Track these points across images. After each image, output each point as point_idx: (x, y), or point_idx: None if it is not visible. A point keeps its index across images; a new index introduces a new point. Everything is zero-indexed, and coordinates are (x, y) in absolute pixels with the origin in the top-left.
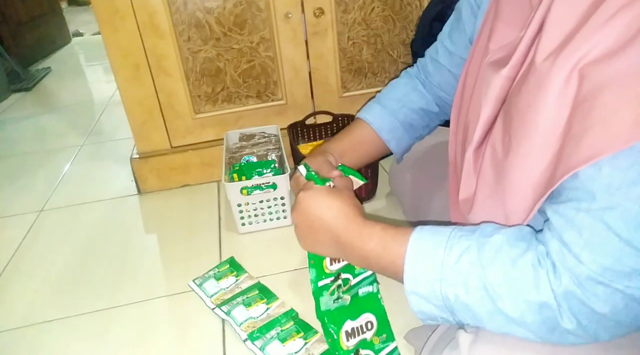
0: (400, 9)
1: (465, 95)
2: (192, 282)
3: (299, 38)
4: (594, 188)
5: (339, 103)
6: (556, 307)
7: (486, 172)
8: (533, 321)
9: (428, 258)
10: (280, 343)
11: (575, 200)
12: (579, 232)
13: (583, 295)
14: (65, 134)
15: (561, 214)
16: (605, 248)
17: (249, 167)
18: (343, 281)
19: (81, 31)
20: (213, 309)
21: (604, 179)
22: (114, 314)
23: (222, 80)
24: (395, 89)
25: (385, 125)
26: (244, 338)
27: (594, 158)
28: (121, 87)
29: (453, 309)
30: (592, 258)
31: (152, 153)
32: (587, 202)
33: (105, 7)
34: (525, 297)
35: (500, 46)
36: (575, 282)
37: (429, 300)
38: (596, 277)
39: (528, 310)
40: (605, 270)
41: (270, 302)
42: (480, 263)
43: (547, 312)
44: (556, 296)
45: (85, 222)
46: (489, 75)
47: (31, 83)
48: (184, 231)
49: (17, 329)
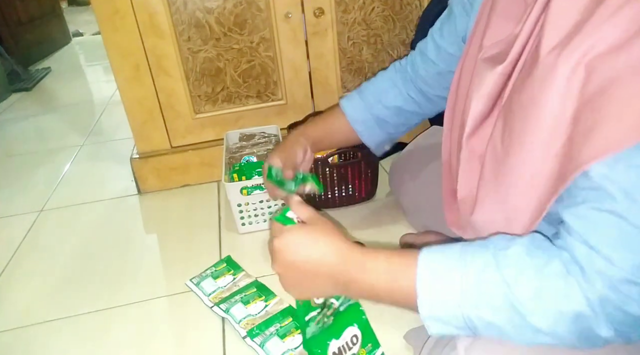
0: (400, 9)
1: (460, 93)
2: (189, 281)
3: (299, 38)
4: (611, 187)
5: None
6: (592, 315)
7: (487, 171)
8: (566, 331)
9: (443, 282)
10: (280, 339)
11: (594, 201)
12: (605, 233)
13: (618, 299)
14: (65, 134)
15: (581, 217)
16: (634, 246)
17: (249, 167)
18: (328, 307)
19: (81, 31)
20: (211, 307)
21: (621, 176)
22: (114, 314)
23: (222, 80)
24: (377, 82)
25: (359, 118)
26: (243, 335)
27: (607, 152)
28: (121, 87)
29: (476, 328)
30: (623, 258)
31: (152, 153)
32: (608, 201)
33: (105, 7)
34: (557, 308)
35: (494, 42)
36: (608, 285)
37: (448, 324)
38: (630, 278)
39: (561, 321)
40: (638, 269)
41: (269, 299)
42: (504, 280)
43: (582, 322)
44: (590, 303)
45: (85, 222)
46: (482, 71)
47: (31, 83)
48: (184, 231)
49: (17, 329)
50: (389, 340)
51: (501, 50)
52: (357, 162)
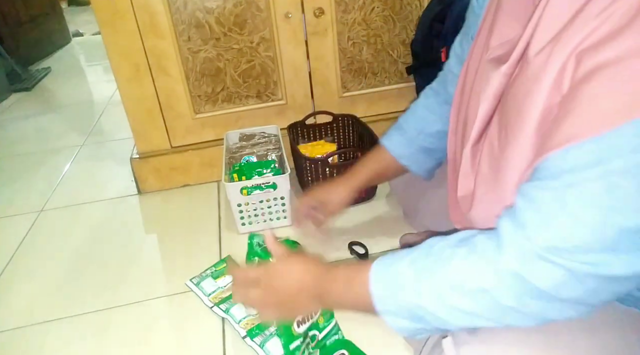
0: (400, 9)
1: (464, 92)
2: (189, 281)
3: (299, 38)
4: (560, 169)
5: (339, 103)
6: (492, 288)
7: (484, 168)
8: (480, 308)
9: (388, 274)
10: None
11: (538, 180)
12: (537, 210)
13: (525, 272)
14: (65, 134)
15: (523, 194)
16: (556, 225)
17: (249, 167)
18: (311, 338)
19: (81, 31)
20: (211, 307)
21: (569, 162)
22: (114, 313)
23: (222, 80)
24: (413, 114)
25: (404, 153)
26: (243, 335)
27: (565, 144)
28: (121, 87)
29: (420, 316)
30: (542, 235)
31: (152, 153)
32: (549, 180)
33: (105, 7)
34: (465, 287)
35: (500, 43)
36: (519, 258)
37: (398, 315)
38: (543, 254)
39: (471, 298)
40: (551, 247)
41: None
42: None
43: (486, 296)
44: (492, 277)
45: (85, 222)
46: (488, 71)
47: (31, 83)
48: (184, 231)
49: (17, 329)
50: (389, 340)
51: (506, 51)
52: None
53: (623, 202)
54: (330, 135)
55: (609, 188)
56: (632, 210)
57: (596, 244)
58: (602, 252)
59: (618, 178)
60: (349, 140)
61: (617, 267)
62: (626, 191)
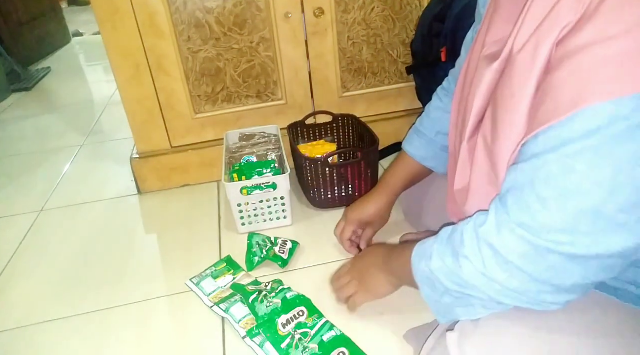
0: (400, 9)
1: (465, 87)
2: (189, 281)
3: (299, 38)
4: (530, 153)
5: (339, 103)
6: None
7: (480, 161)
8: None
9: (421, 248)
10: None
11: (517, 163)
12: (514, 189)
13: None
14: (65, 134)
15: (507, 177)
16: (527, 205)
17: (249, 167)
18: (302, 335)
19: (81, 31)
20: (211, 307)
21: (538, 146)
22: (114, 314)
23: (222, 80)
24: (428, 116)
25: (427, 155)
26: (243, 335)
27: (536, 129)
28: (121, 87)
29: (432, 282)
30: (518, 214)
31: (152, 153)
32: (523, 164)
33: (105, 7)
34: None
35: (494, 40)
36: (494, 228)
37: (422, 281)
38: (513, 227)
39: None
40: (522, 224)
41: None
42: (440, 240)
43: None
44: (472, 246)
45: (85, 222)
46: (482, 68)
47: (31, 83)
48: (184, 231)
49: (17, 329)
50: (389, 340)
51: (498, 49)
52: (357, 162)
53: (577, 184)
54: (330, 135)
55: (565, 171)
56: (585, 193)
57: (558, 224)
58: (563, 231)
59: (572, 161)
60: (349, 140)
61: (577, 246)
62: (580, 174)
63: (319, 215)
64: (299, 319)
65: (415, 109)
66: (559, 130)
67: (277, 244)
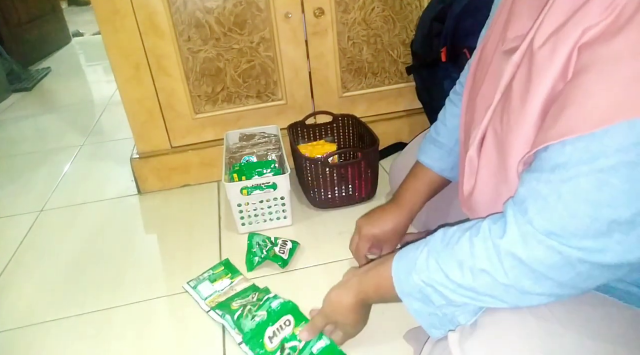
0: (400, 9)
1: (476, 80)
2: (186, 284)
3: (299, 38)
4: (556, 162)
5: (339, 103)
6: (491, 268)
7: (489, 152)
8: (481, 285)
9: (405, 259)
10: None
11: (539, 172)
12: (536, 199)
13: (525, 254)
14: (65, 134)
15: (524, 183)
16: (553, 215)
17: (249, 167)
18: (291, 349)
19: (81, 31)
20: (208, 312)
21: (565, 156)
22: (114, 314)
23: (222, 80)
24: (444, 125)
25: (445, 166)
26: (239, 341)
27: (563, 136)
28: (121, 87)
29: (428, 295)
30: (541, 222)
31: (152, 153)
32: (548, 173)
33: (105, 7)
34: (467, 265)
35: (515, 36)
36: (518, 240)
37: (411, 295)
38: (540, 237)
39: (472, 276)
40: (550, 233)
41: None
42: (436, 250)
43: (486, 275)
44: (492, 258)
45: (85, 222)
46: (503, 62)
47: (31, 83)
48: (183, 231)
49: (17, 329)
50: (388, 340)
51: (517, 44)
52: (357, 162)
53: (611, 197)
54: (330, 135)
55: (598, 185)
56: (620, 205)
57: (589, 234)
58: (594, 241)
59: (606, 175)
60: (349, 140)
61: (608, 255)
62: (614, 187)
63: (319, 215)
64: (286, 330)
65: (415, 109)
66: (591, 142)
67: (277, 244)
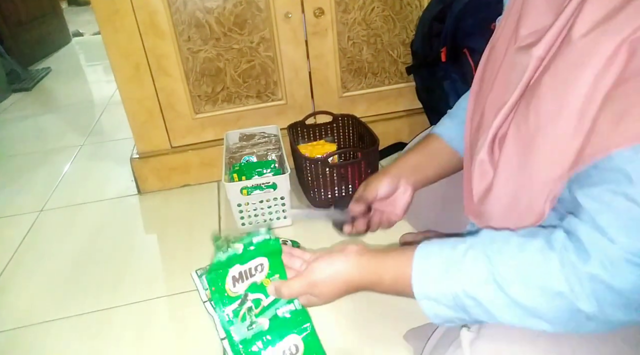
0: (400, 9)
1: (485, 83)
2: (194, 272)
3: (299, 38)
4: (631, 171)
5: (339, 103)
6: (570, 292)
7: (509, 155)
8: (548, 308)
9: (434, 259)
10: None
11: (610, 183)
12: (615, 215)
13: (611, 278)
14: (65, 134)
15: (595, 197)
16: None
17: (249, 167)
18: (254, 302)
19: (81, 31)
20: (204, 302)
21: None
22: (114, 314)
23: (222, 80)
24: (459, 104)
25: (455, 135)
26: (222, 336)
27: (633, 141)
28: (121, 87)
29: (465, 306)
30: (627, 241)
31: (152, 153)
32: (624, 185)
33: (105, 7)
34: (536, 282)
35: (532, 31)
36: (605, 264)
37: (439, 302)
38: (630, 258)
39: (541, 296)
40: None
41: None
42: (486, 254)
43: (559, 300)
44: (572, 280)
45: (85, 222)
46: (519, 59)
47: (31, 83)
48: (184, 231)
49: (17, 329)
50: (388, 340)
51: (537, 38)
52: (357, 162)
53: None
54: (330, 135)
55: None
56: None
57: None
58: None
59: None
60: (349, 140)
61: None
62: None
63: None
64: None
65: (415, 109)
66: None
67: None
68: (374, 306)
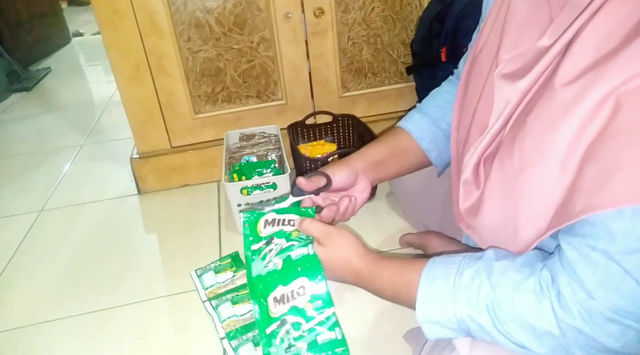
0: (400, 9)
1: (467, 101)
2: (193, 272)
3: (299, 38)
4: (613, 230)
5: (339, 103)
6: (560, 336)
7: (494, 185)
8: (539, 346)
9: (441, 281)
10: (254, 347)
11: (592, 238)
12: (593, 269)
13: (592, 331)
14: (65, 134)
15: (576, 248)
16: (620, 289)
17: (249, 167)
18: (276, 246)
19: (81, 31)
20: (204, 302)
21: (626, 224)
22: (114, 314)
23: (222, 80)
24: (436, 96)
25: (426, 134)
26: (221, 336)
27: (619, 204)
28: (121, 87)
29: (469, 329)
30: (605, 296)
31: (152, 153)
32: (605, 242)
33: (105, 7)
34: (528, 322)
35: (513, 55)
36: (584, 317)
37: (443, 325)
38: (608, 314)
39: (532, 335)
40: (619, 309)
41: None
42: (490, 284)
43: (552, 340)
44: (561, 326)
45: (85, 222)
46: (504, 88)
47: (31, 83)
48: (184, 231)
49: (17, 329)
50: (388, 340)
51: (522, 65)
52: None
53: None
54: (330, 135)
55: None
56: None
57: None
58: None
59: None
60: (349, 140)
61: None
62: None
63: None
64: (285, 227)
65: None
66: None
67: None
68: (374, 306)
